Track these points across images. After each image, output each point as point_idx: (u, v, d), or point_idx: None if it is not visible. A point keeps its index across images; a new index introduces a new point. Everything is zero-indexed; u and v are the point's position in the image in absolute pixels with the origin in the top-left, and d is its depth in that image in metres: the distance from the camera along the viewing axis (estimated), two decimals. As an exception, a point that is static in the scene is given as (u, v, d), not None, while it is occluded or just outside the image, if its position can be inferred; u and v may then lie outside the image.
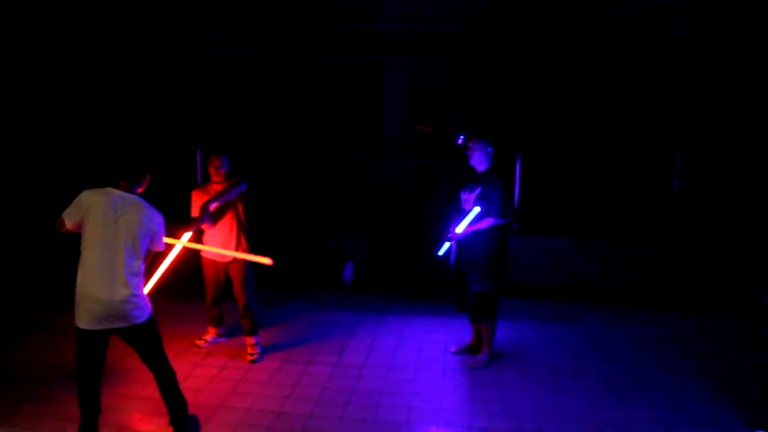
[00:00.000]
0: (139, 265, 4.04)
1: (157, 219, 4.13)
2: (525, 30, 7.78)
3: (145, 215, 4.05)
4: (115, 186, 4.07)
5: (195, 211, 5.56)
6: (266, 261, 5.03)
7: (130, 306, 3.95)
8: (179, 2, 8.21)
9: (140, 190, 4.18)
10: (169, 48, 8.27)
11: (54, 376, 5.36)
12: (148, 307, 4.13)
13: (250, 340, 5.78)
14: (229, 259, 5.67)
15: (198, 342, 6.02)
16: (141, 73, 8.40)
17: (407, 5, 7.99)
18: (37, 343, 6.11)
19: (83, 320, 3.93)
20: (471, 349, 5.88)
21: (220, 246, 5.58)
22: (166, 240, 4.41)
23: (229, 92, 8.12)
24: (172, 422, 4.34)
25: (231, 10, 8.15)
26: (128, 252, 3.96)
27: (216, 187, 5.58)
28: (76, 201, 3.98)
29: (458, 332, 6.36)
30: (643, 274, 7.62)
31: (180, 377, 4.43)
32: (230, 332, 6.27)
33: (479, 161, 5.50)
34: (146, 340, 4.17)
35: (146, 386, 4.92)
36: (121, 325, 3.97)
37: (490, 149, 5.48)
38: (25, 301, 7.42)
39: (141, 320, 4.04)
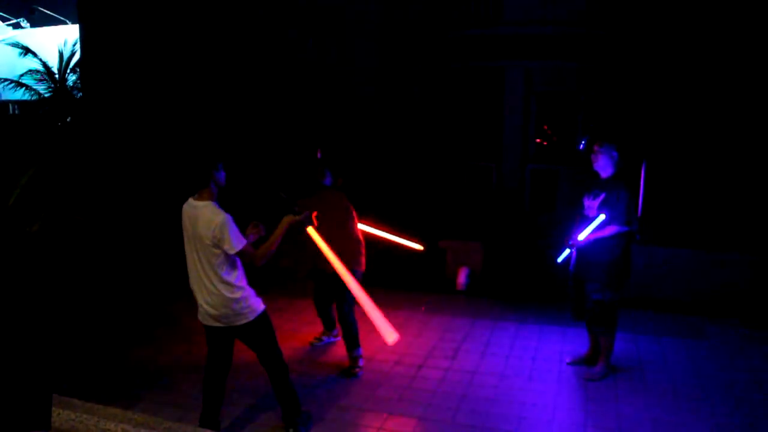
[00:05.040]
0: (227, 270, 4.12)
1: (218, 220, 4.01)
2: (648, 31, 7.46)
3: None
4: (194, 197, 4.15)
5: None
6: None
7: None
8: (305, 26, 8.48)
9: (213, 191, 4.11)
10: (298, 65, 8.56)
11: (177, 366, 5.71)
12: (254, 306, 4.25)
13: (350, 353, 5.66)
14: (331, 269, 5.38)
15: (312, 340, 6.21)
16: (274, 89, 8.72)
17: (528, 10, 7.87)
18: (165, 335, 6.52)
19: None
20: (587, 361, 5.71)
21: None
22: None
23: (351, 98, 8.30)
24: (284, 418, 4.51)
25: (351, 25, 8.33)
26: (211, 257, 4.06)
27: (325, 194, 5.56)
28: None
29: (574, 342, 6.20)
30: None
31: (294, 375, 4.58)
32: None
33: (604, 166, 5.32)
34: (256, 337, 4.33)
35: (261, 380, 5.14)
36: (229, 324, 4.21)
37: (615, 154, 5.28)
38: (156, 294, 7.88)
39: (246, 320, 4.21)
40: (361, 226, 5.58)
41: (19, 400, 2.88)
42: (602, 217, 5.15)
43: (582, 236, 5.26)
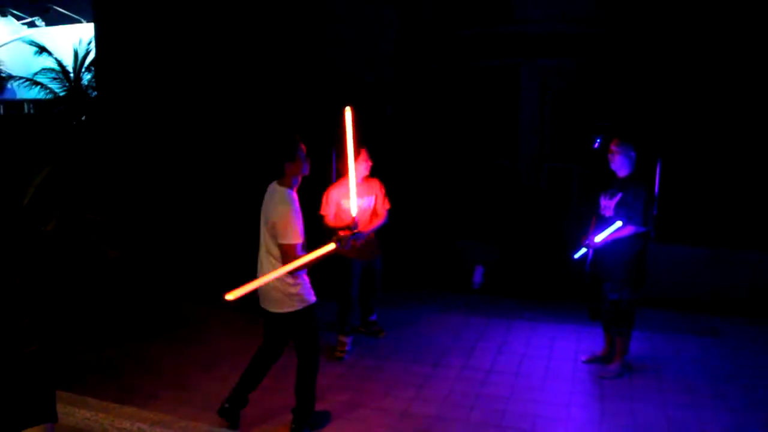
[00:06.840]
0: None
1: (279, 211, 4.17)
2: (664, 29, 7.38)
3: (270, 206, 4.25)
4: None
5: (326, 209, 5.71)
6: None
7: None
8: (315, 30, 8.46)
9: (290, 178, 4.25)
10: (315, 66, 8.53)
11: (192, 365, 5.71)
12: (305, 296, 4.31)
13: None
14: (368, 257, 5.87)
15: (338, 354, 5.99)
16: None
17: (542, 7, 7.81)
18: (180, 334, 6.55)
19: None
20: (602, 359, 5.68)
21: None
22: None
23: (368, 100, 8.25)
24: (294, 411, 4.48)
25: (366, 25, 8.29)
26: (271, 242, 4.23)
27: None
28: None
29: (589, 341, 6.16)
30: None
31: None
32: (355, 331, 6.35)
33: (621, 166, 5.28)
34: (299, 327, 4.36)
35: (282, 379, 5.15)
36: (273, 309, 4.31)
37: (632, 153, 5.25)
38: (171, 293, 7.92)
39: (293, 308, 4.26)
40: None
41: (25, 393, 2.89)
42: (619, 223, 5.13)
43: (599, 238, 5.24)
